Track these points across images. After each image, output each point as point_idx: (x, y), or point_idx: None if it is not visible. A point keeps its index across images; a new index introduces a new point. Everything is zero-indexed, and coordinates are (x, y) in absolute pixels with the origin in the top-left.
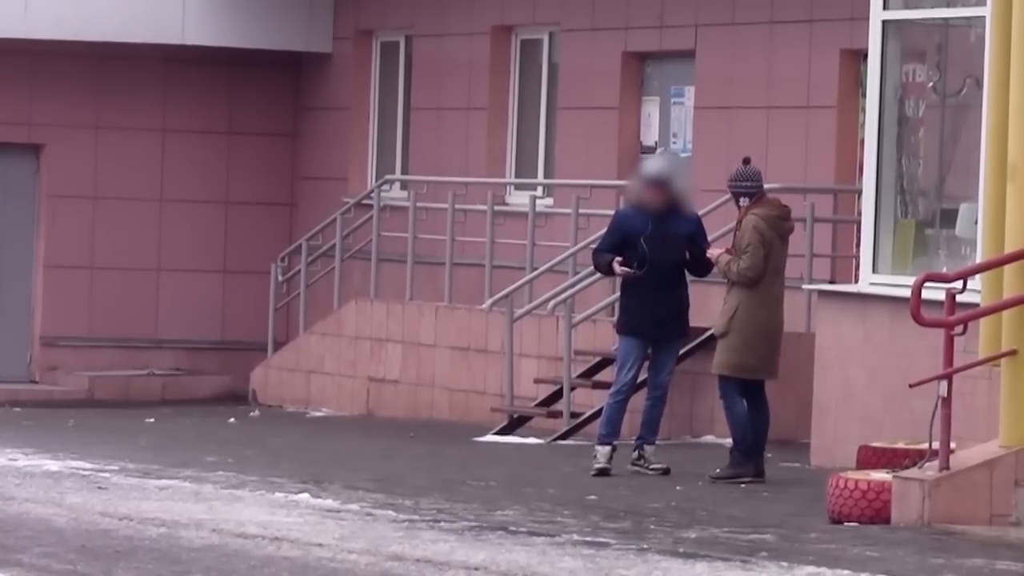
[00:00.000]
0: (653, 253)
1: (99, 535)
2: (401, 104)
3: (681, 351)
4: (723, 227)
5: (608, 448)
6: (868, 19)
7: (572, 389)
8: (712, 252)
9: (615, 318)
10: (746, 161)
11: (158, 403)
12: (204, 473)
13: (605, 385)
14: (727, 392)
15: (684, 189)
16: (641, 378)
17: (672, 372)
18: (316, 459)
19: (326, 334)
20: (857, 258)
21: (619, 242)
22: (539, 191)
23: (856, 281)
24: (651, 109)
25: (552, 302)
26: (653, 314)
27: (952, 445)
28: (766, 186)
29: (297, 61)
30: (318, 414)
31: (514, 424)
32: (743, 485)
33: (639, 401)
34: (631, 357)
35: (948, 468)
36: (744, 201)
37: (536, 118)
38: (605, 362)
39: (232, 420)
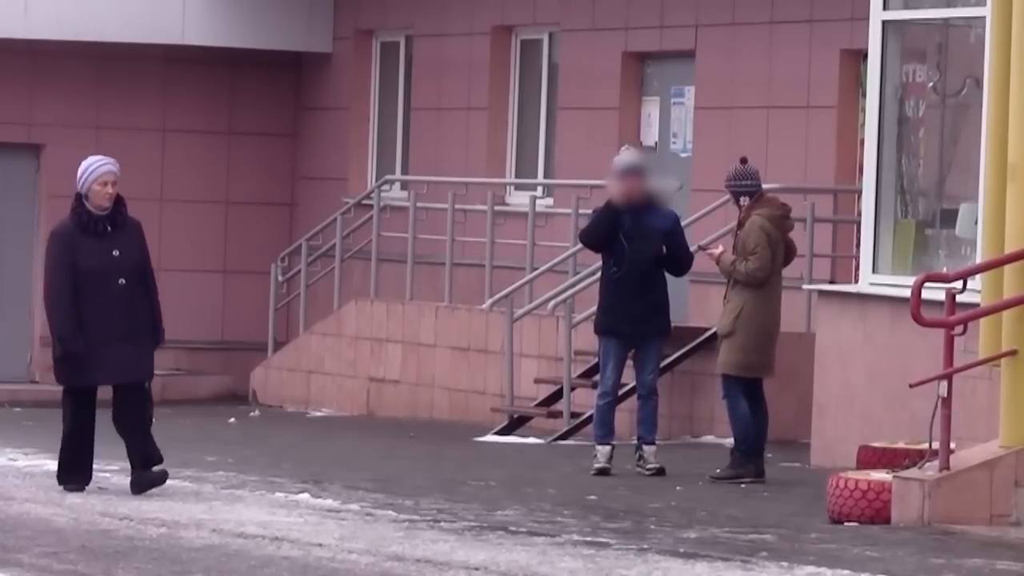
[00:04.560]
0: (632, 248)
1: (99, 535)
2: (401, 104)
3: (680, 352)
4: (723, 227)
5: (608, 448)
6: (868, 19)
7: (572, 389)
8: (712, 252)
9: (593, 318)
10: (743, 160)
11: (158, 403)
12: (204, 473)
13: None
14: (731, 392)
15: (658, 183)
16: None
17: (656, 370)
18: (316, 459)
19: (326, 334)
20: (857, 258)
21: (612, 221)
22: (539, 191)
23: (856, 281)
24: (651, 109)
25: (552, 302)
26: (630, 311)
27: (952, 445)
28: (766, 186)
29: (297, 61)
30: (318, 414)
31: (514, 424)
32: (743, 485)
33: (634, 400)
34: (611, 358)
35: (948, 468)
36: (744, 200)
37: (536, 118)
38: None
39: (232, 420)
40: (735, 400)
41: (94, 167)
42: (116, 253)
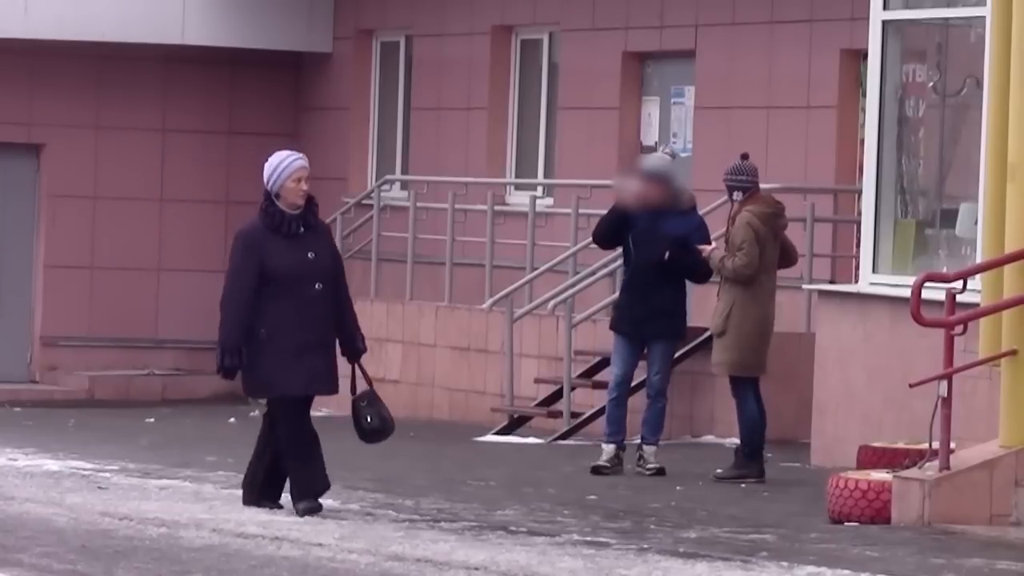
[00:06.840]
0: (637, 251)
1: (99, 535)
2: (401, 104)
3: (679, 352)
4: (725, 227)
5: (613, 447)
6: (868, 19)
7: (572, 389)
8: (705, 248)
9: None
10: (744, 156)
11: (158, 403)
12: (204, 473)
13: (605, 385)
14: (741, 391)
15: (682, 188)
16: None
17: (662, 373)
18: None
19: None
20: (857, 258)
21: (618, 222)
22: (539, 191)
23: (856, 281)
24: (651, 109)
25: (552, 302)
26: (635, 313)
27: (952, 445)
28: (766, 185)
29: (297, 61)
30: (318, 414)
31: (514, 424)
32: (743, 485)
33: (641, 400)
34: (618, 355)
35: (948, 468)
36: (737, 195)
37: (536, 118)
38: (605, 362)
39: (232, 420)
40: (745, 400)
41: (287, 162)
42: (311, 256)
